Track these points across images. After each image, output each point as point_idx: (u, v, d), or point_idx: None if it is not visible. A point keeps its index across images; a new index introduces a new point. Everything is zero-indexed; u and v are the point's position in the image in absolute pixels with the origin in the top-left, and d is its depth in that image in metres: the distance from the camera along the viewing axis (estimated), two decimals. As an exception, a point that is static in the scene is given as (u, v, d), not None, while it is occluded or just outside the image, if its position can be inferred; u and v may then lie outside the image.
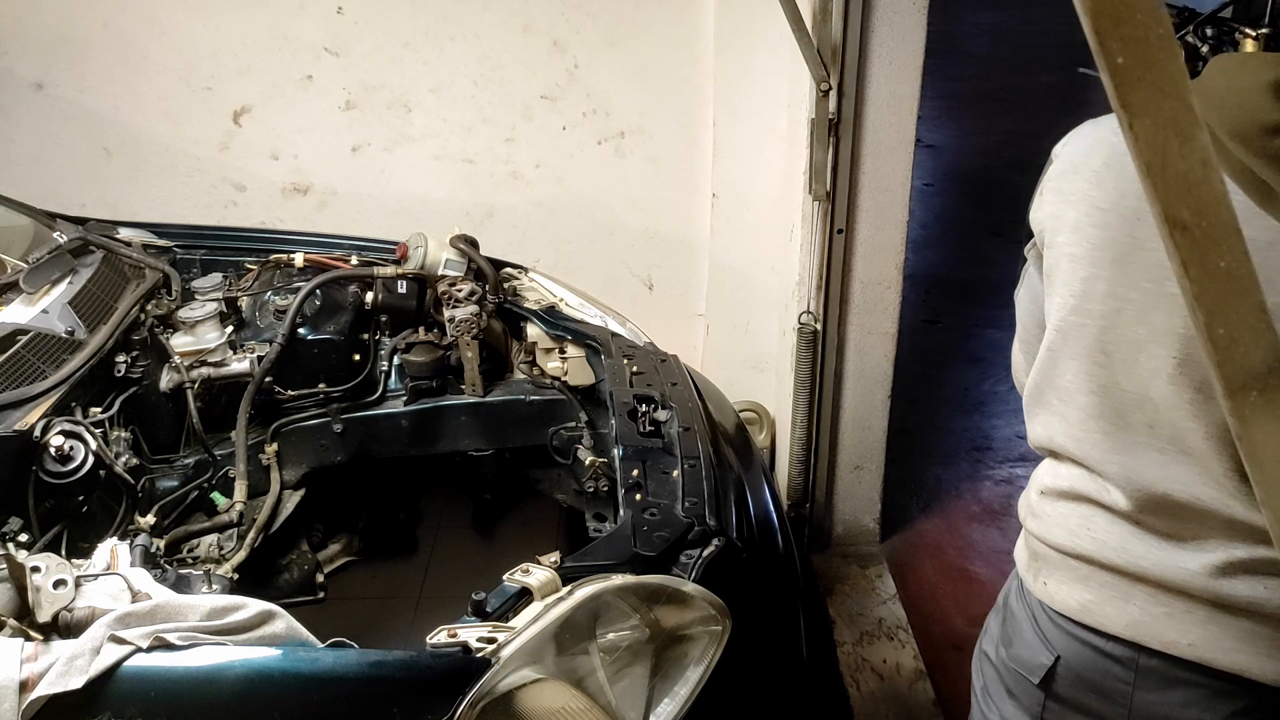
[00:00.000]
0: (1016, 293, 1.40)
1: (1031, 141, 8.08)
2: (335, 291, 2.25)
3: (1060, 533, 1.26)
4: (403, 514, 2.62)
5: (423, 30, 2.91)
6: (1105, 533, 1.21)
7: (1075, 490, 1.24)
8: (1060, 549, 1.26)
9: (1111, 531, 1.21)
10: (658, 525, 1.58)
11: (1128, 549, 1.19)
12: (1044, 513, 1.29)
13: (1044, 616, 1.30)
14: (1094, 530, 1.22)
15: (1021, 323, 1.40)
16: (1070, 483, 1.25)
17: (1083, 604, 1.24)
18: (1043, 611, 1.30)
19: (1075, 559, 1.24)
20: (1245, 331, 0.49)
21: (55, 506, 1.68)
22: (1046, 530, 1.28)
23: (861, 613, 2.80)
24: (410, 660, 1.27)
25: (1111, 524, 1.21)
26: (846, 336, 2.77)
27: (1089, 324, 1.16)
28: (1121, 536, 1.20)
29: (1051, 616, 1.28)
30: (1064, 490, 1.26)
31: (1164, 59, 0.45)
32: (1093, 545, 1.22)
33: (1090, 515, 1.23)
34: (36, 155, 2.98)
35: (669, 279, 3.24)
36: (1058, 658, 1.28)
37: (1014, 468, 3.49)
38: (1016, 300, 1.40)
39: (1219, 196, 0.47)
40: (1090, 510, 1.23)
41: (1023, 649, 1.33)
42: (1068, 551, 1.25)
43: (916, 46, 2.48)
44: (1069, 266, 1.17)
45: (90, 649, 1.18)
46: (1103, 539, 1.21)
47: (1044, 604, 1.29)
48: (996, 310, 4.63)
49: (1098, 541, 1.22)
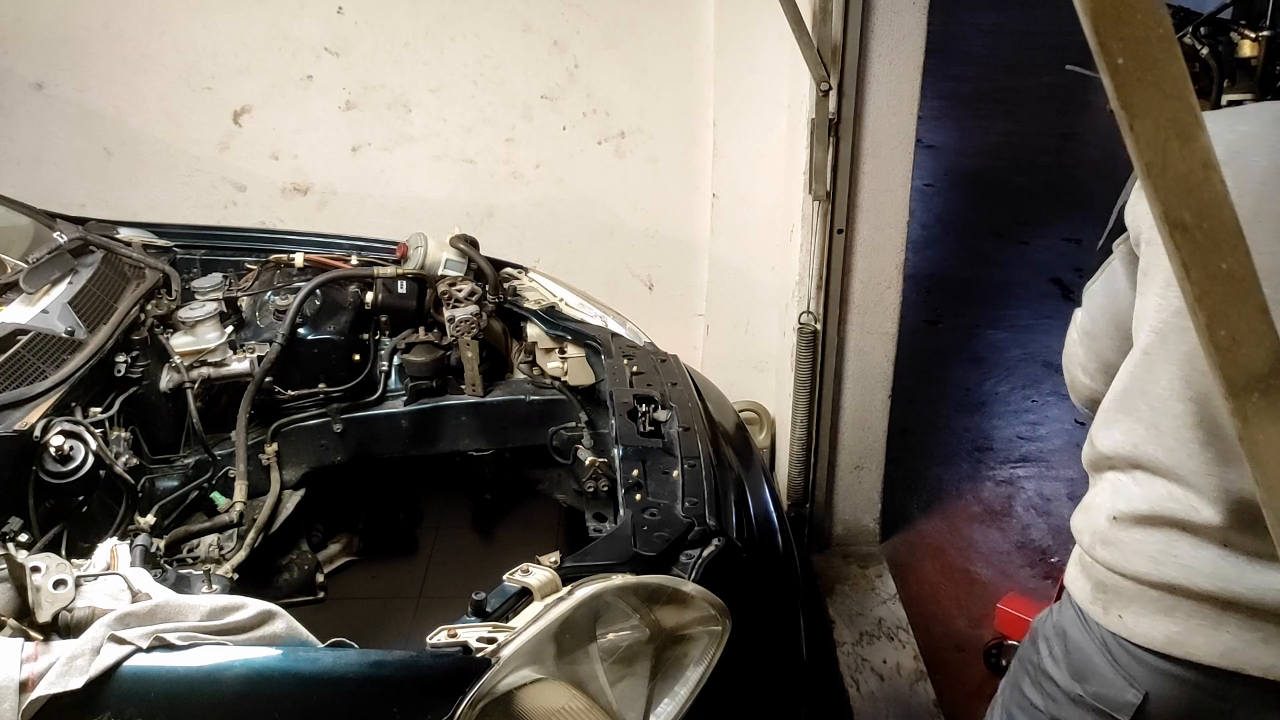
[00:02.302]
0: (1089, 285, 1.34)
1: (1031, 141, 8.07)
2: (335, 291, 2.25)
3: (1140, 561, 1.20)
4: (403, 514, 2.61)
5: (423, 30, 2.91)
6: (1192, 558, 1.16)
7: (1157, 513, 1.18)
8: (1140, 579, 1.20)
9: (1199, 556, 1.16)
10: (658, 525, 1.58)
11: (1220, 574, 1.14)
12: (1118, 540, 1.23)
13: (1121, 651, 1.24)
14: (1180, 556, 1.17)
15: (1090, 315, 1.34)
16: (1151, 505, 1.19)
17: (1169, 636, 1.18)
18: (1119, 646, 1.24)
19: (1157, 588, 1.19)
20: (1247, 333, 0.49)
21: (55, 506, 1.67)
22: (1123, 559, 1.22)
23: (861, 613, 2.80)
24: (410, 660, 1.27)
25: (1198, 548, 1.16)
26: (846, 336, 2.77)
27: (1190, 328, 1.14)
28: (1212, 561, 1.15)
29: (1131, 651, 1.22)
30: (1143, 514, 1.20)
31: (1164, 60, 0.45)
32: (1179, 572, 1.17)
33: (1174, 540, 1.17)
34: (36, 155, 2.98)
35: (669, 279, 3.24)
36: (1146, 694, 1.22)
37: (1015, 468, 3.49)
38: (1088, 293, 1.34)
39: (1220, 198, 0.47)
40: (1173, 535, 1.18)
41: (1103, 687, 1.26)
42: (1150, 581, 1.19)
43: (916, 46, 2.48)
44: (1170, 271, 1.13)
45: (90, 649, 1.18)
46: (1190, 565, 1.16)
47: (1119, 637, 1.23)
48: (997, 310, 4.64)
49: (1185, 568, 1.16)
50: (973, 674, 2.61)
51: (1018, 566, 3.02)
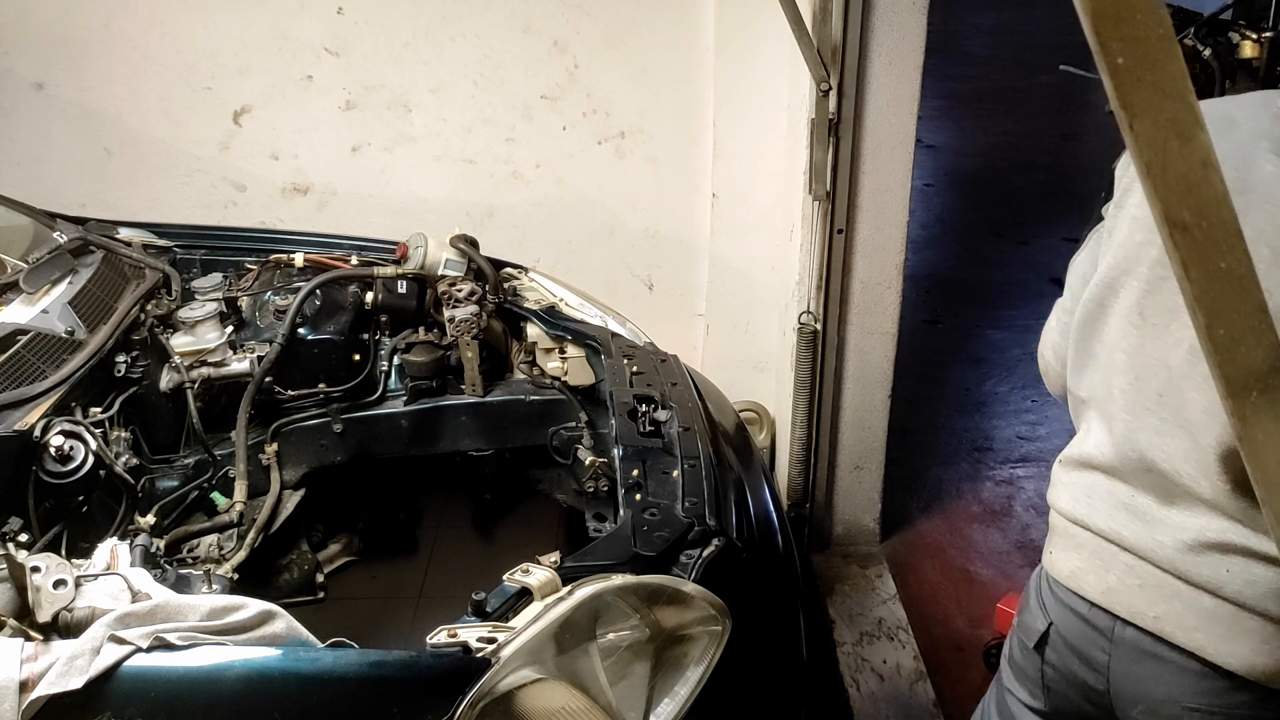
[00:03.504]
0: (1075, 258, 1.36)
1: (1031, 141, 8.07)
2: (335, 291, 2.25)
3: (1066, 499, 1.32)
4: (403, 514, 2.61)
5: (423, 30, 2.91)
6: (1101, 501, 1.26)
7: (1085, 457, 1.29)
8: (1063, 514, 1.32)
9: (1106, 500, 1.26)
10: (658, 525, 1.58)
11: (1114, 517, 1.24)
12: (1058, 480, 1.35)
13: (1044, 584, 1.36)
14: (1093, 499, 1.28)
15: (1071, 290, 1.37)
16: (1083, 449, 1.29)
17: (1072, 570, 1.30)
18: (1044, 580, 1.36)
19: (1074, 525, 1.30)
20: (1246, 332, 0.49)
21: (55, 506, 1.67)
22: (1056, 497, 1.35)
23: (861, 613, 2.80)
24: (410, 660, 1.27)
25: (1109, 493, 1.26)
26: (846, 336, 2.77)
27: (1134, 285, 1.20)
28: (1113, 505, 1.25)
29: (1049, 583, 1.34)
30: (1076, 458, 1.31)
31: (1164, 60, 0.45)
32: (1087, 510, 1.28)
33: (1094, 484, 1.28)
34: (36, 155, 2.98)
35: (669, 279, 3.24)
36: (1050, 624, 1.34)
37: (1015, 468, 3.49)
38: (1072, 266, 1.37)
39: (1219, 197, 0.47)
40: (1095, 478, 1.28)
41: (1026, 615, 1.40)
42: (1069, 517, 1.31)
43: (916, 46, 2.48)
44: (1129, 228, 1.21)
45: (90, 649, 1.18)
46: (1097, 506, 1.27)
47: (1047, 572, 1.35)
48: (997, 311, 4.64)
49: (1092, 508, 1.27)
50: (973, 674, 2.61)
51: (1017, 566, 3.02)
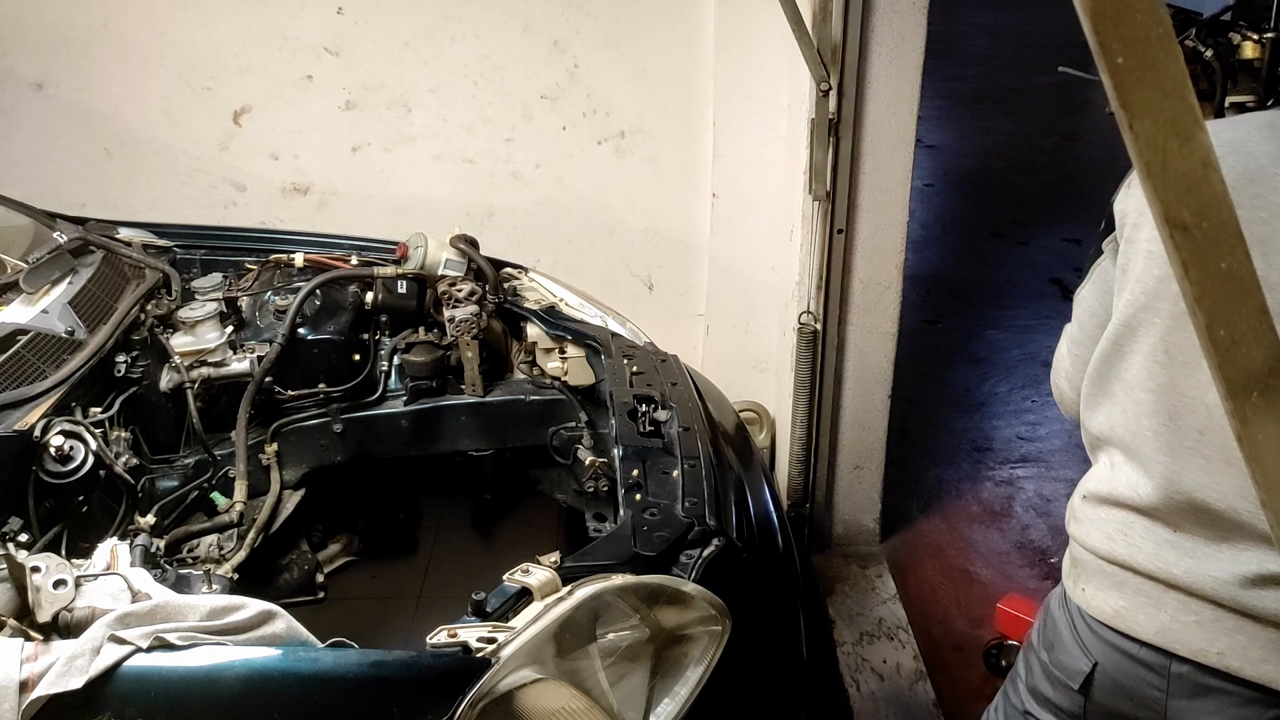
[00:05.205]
0: (1079, 291, 1.36)
1: (1031, 141, 8.08)
2: (335, 291, 2.25)
3: (1098, 537, 1.27)
4: (403, 514, 2.61)
5: (423, 30, 2.91)
6: (1141, 539, 1.22)
7: (1116, 495, 1.25)
8: (1097, 554, 1.27)
9: (1147, 538, 1.22)
10: (658, 525, 1.57)
11: (1160, 555, 1.20)
12: (1084, 517, 1.31)
13: (1081, 623, 1.31)
14: (1130, 536, 1.23)
15: (1080, 322, 1.36)
16: (1113, 485, 1.25)
17: (1116, 610, 1.25)
18: (1080, 618, 1.31)
19: (1111, 564, 1.25)
20: (1247, 332, 0.49)
21: (55, 506, 1.67)
22: (1085, 534, 1.30)
23: (861, 613, 2.80)
24: (410, 660, 1.27)
25: (1148, 530, 1.22)
26: (846, 336, 2.77)
27: (1157, 323, 1.17)
28: (1156, 543, 1.21)
29: (1089, 623, 1.29)
30: (1105, 495, 1.27)
31: (1164, 59, 0.45)
32: (1127, 550, 1.23)
33: (1129, 521, 1.24)
34: (36, 155, 2.97)
35: (669, 279, 3.24)
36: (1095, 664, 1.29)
37: (1015, 469, 3.49)
38: (1078, 299, 1.36)
39: (1219, 197, 0.47)
40: (1129, 516, 1.24)
41: (1063, 655, 1.34)
42: (1104, 556, 1.26)
43: (916, 46, 2.48)
44: (1144, 264, 1.18)
45: (90, 649, 1.18)
46: (1138, 545, 1.22)
47: (1082, 610, 1.30)
48: (997, 311, 4.64)
49: (1132, 547, 1.23)
50: (973, 674, 2.61)
51: (1017, 567, 3.02)
